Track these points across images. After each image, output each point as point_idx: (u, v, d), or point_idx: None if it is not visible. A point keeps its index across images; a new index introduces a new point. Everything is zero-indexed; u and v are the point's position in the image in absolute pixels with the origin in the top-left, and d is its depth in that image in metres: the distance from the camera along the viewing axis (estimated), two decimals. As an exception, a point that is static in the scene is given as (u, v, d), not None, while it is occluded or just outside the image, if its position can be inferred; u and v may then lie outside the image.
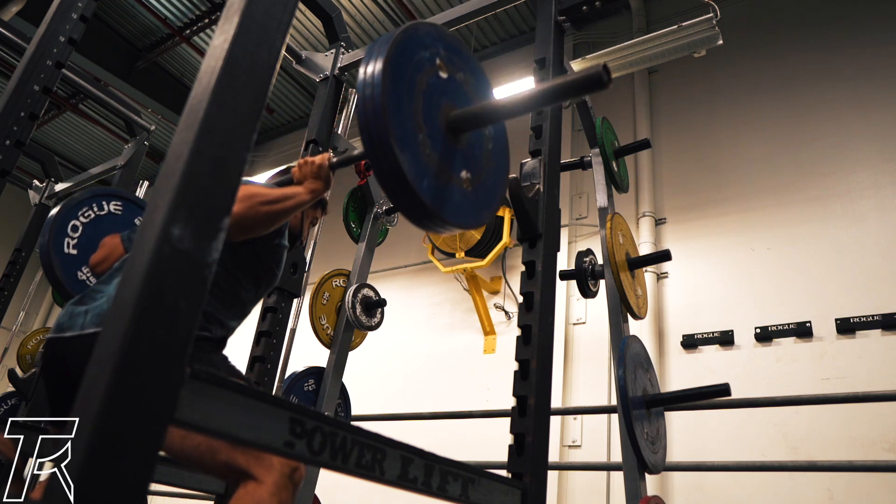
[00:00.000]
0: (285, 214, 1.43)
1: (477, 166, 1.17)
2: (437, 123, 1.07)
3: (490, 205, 1.20)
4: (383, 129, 0.94)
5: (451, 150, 1.10)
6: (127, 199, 2.29)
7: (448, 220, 1.05)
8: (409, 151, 0.97)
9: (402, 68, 1.02)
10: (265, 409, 0.67)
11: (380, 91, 0.95)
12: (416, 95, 1.03)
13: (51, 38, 1.98)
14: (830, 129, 4.05)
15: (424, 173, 1.00)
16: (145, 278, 0.54)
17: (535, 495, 1.18)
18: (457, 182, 1.09)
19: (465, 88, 1.17)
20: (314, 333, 2.60)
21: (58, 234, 2.07)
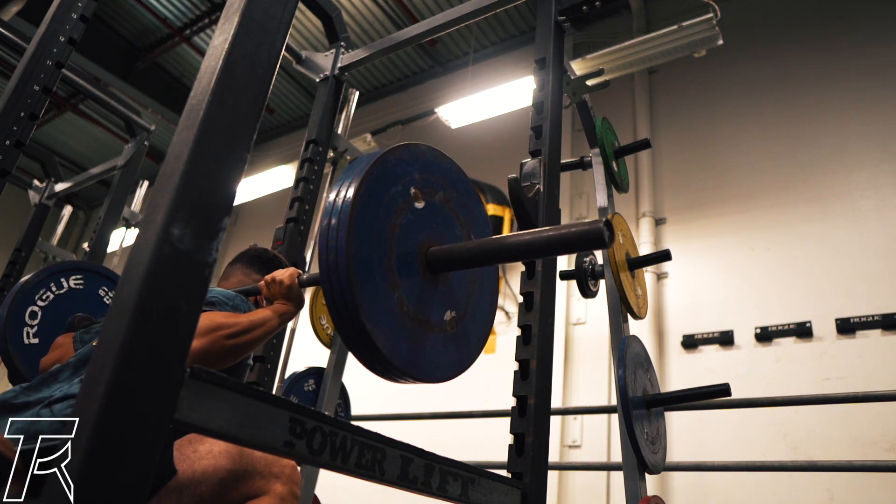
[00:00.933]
0: (253, 346, 1.29)
1: (461, 301, 1.06)
2: (416, 266, 0.96)
3: (478, 340, 1.09)
4: (352, 306, 0.83)
5: (432, 291, 0.98)
6: (87, 270, 2.10)
7: (429, 380, 0.96)
8: (385, 325, 0.87)
9: (372, 220, 0.89)
10: (265, 409, 0.67)
11: (345, 263, 0.82)
12: (390, 247, 0.92)
13: (51, 38, 1.98)
14: (830, 129, 4.05)
15: (403, 339, 0.90)
16: (145, 278, 0.54)
17: (535, 495, 1.18)
18: (439, 329, 0.99)
19: (445, 210, 1.06)
20: (314, 333, 2.60)
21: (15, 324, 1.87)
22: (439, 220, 1.04)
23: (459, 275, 1.08)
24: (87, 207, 9.39)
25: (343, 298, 0.83)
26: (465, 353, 1.05)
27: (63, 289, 2.00)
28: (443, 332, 0.99)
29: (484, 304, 1.13)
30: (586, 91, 2.24)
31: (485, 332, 1.12)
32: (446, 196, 1.07)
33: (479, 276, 1.14)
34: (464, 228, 1.10)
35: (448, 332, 1.01)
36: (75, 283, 2.03)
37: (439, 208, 1.05)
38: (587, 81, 2.20)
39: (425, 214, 1.01)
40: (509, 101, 4.51)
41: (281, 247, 2.16)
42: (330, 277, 0.83)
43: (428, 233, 1.00)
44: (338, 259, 0.83)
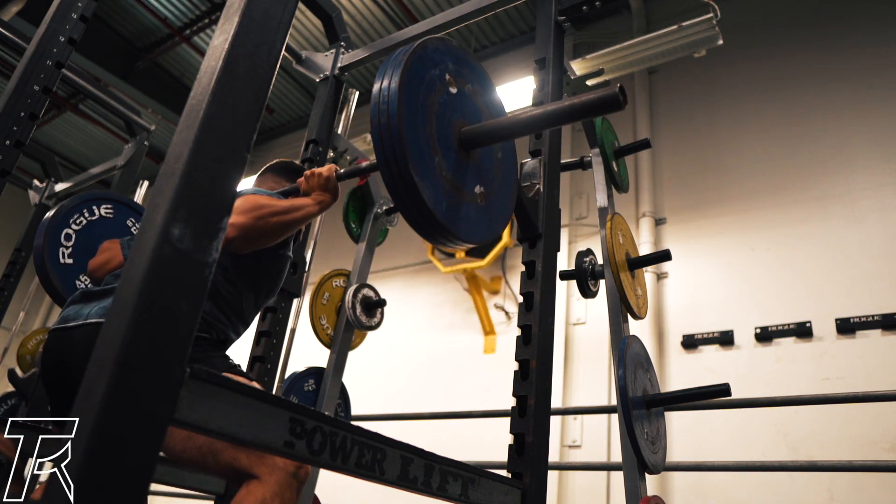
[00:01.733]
0: (294, 226, 1.43)
1: (489, 179, 1.19)
2: (451, 142, 1.09)
3: (503, 215, 1.22)
4: (402, 159, 0.95)
5: (464, 166, 1.11)
6: (117, 200, 2.26)
7: (467, 239, 1.07)
8: (428, 179, 0.99)
9: (416, 92, 1.02)
10: (265, 409, 0.67)
11: (396, 120, 0.96)
12: (430, 118, 1.04)
13: (51, 38, 1.98)
14: (830, 129, 4.05)
15: (443, 197, 1.02)
16: (145, 278, 0.54)
17: (535, 495, 1.18)
18: (471, 199, 1.11)
19: (473, 100, 1.19)
20: (314, 333, 2.60)
21: (51, 244, 2.04)
22: (469, 107, 1.17)
23: (486, 158, 1.20)
24: (87, 207, 9.37)
25: (395, 156, 0.95)
26: (493, 225, 1.17)
27: (95, 216, 2.17)
28: (475, 202, 1.12)
29: (507, 189, 1.26)
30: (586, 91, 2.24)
31: (508, 212, 1.26)
32: (474, 89, 1.20)
33: (502, 162, 1.26)
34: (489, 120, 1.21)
35: (479, 203, 1.13)
36: (106, 211, 2.20)
37: (469, 97, 1.18)
38: (587, 81, 2.20)
39: (458, 99, 1.14)
40: (509, 101, 4.51)
41: (281, 247, 2.16)
42: (382, 138, 0.96)
43: (460, 115, 1.13)
44: (390, 121, 0.95)
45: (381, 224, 2.88)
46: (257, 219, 1.34)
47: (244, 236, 1.33)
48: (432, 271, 5.22)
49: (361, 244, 2.81)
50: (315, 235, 2.50)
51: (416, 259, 5.46)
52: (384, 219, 2.88)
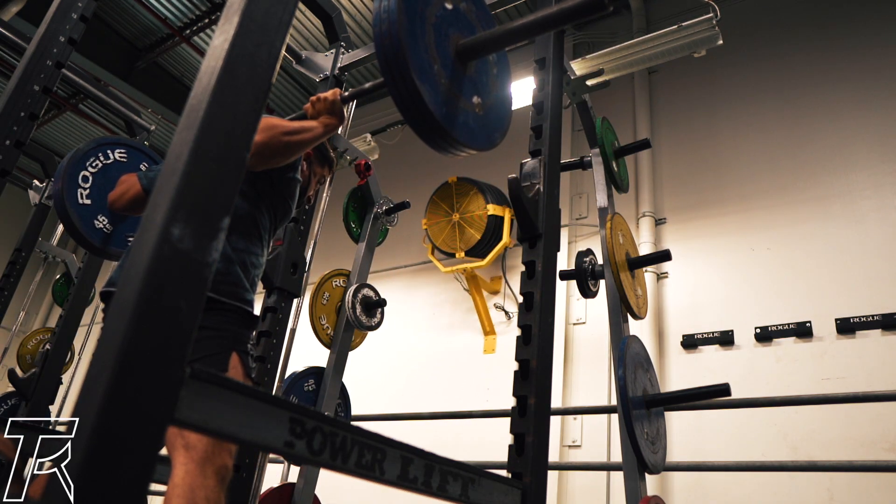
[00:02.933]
0: (304, 145, 1.54)
1: (486, 91, 1.25)
2: (448, 53, 1.15)
3: (500, 127, 1.29)
4: (403, 62, 1.01)
5: (462, 77, 1.18)
6: (130, 146, 2.37)
7: (466, 143, 1.14)
8: (427, 82, 1.05)
9: (414, 3, 1.08)
10: (265, 409, 0.67)
11: (397, 27, 1.01)
12: (428, 28, 1.11)
13: (51, 38, 1.98)
14: (830, 129, 4.05)
15: (442, 101, 1.09)
16: (145, 278, 0.54)
17: (535, 495, 1.18)
18: (469, 107, 1.18)
19: (468, 17, 1.25)
20: (314, 333, 2.60)
21: (70, 186, 2.14)
22: (464, 23, 1.23)
23: (482, 71, 1.26)
24: (87, 207, 9.39)
25: (395, 57, 1.01)
26: (490, 135, 1.24)
27: (109, 159, 2.25)
28: (473, 111, 1.19)
29: (502, 99, 1.32)
30: (586, 91, 2.24)
31: (505, 123, 1.32)
32: (468, 7, 1.27)
33: (497, 76, 1.32)
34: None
35: (477, 112, 1.20)
36: (120, 155, 2.29)
37: (464, 14, 1.24)
38: (587, 81, 2.20)
39: (454, 14, 1.20)
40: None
41: (281, 247, 2.16)
42: (384, 42, 1.01)
43: (456, 29, 1.20)
44: (390, 24, 1.01)
45: (381, 224, 2.89)
46: (271, 137, 1.44)
47: (258, 152, 1.44)
48: (432, 271, 5.22)
49: (361, 244, 2.81)
50: (315, 235, 2.50)
51: (416, 259, 5.46)
52: (384, 219, 2.88)
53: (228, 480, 1.27)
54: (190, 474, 1.19)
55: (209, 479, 1.21)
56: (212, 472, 1.22)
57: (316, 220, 2.50)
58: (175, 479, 1.18)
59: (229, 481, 1.28)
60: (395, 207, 2.85)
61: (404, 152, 5.98)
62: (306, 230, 2.27)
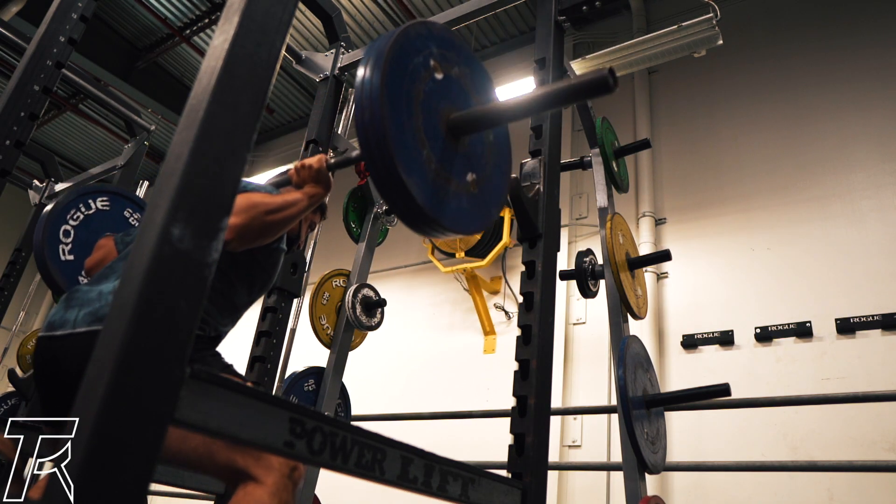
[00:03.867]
0: (288, 223, 1.41)
1: (481, 165, 1.16)
2: (439, 131, 1.05)
3: (497, 201, 1.20)
4: (389, 158, 0.92)
5: (454, 155, 1.08)
6: (112, 192, 2.27)
7: (461, 231, 1.06)
8: (416, 175, 0.96)
9: (399, 84, 0.98)
10: (265, 409, 0.67)
11: (380, 117, 0.92)
12: (416, 110, 1.00)
13: (51, 38, 1.98)
14: (830, 130, 4.05)
15: (433, 191, 1.00)
16: (145, 278, 0.54)
17: (535, 495, 1.18)
18: (463, 188, 1.09)
19: (461, 83, 1.15)
20: (314, 333, 2.60)
21: (51, 242, 2.04)
22: (456, 92, 1.13)
23: (477, 141, 1.17)
24: (87, 207, 9.38)
25: (381, 153, 0.92)
26: (486, 213, 1.15)
27: (91, 209, 2.17)
28: (466, 191, 1.10)
29: (500, 170, 1.23)
30: (586, 91, 2.24)
31: (502, 197, 1.23)
32: (461, 72, 1.16)
33: (494, 144, 1.23)
34: (478, 104, 1.19)
35: (471, 191, 1.11)
36: (102, 204, 2.20)
37: (456, 81, 1.13)
38: (587, 81, 2.20)
39: (444, 85, 1.10)
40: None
41: (281, 247, 2.16)
42: (367, 135, 0.92)
43: (447, 102, 1.09)
44: (373, 118, 0.92)
45: (381, 224, 2.89)
46: (252, 218, 1.32)
47: (239, 236, 1.33)
48: (432, 271, 5.22)
49: (361, 244, 2.81)
50: (315, 235, 2.50)
51: (416, 259, 5.46)
52: (384, 219, 2.88)
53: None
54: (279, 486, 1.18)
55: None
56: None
57: (316, 220, 2.49)
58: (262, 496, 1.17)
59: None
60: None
61: (404, 152, 5.97)
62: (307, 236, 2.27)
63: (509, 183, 1.29)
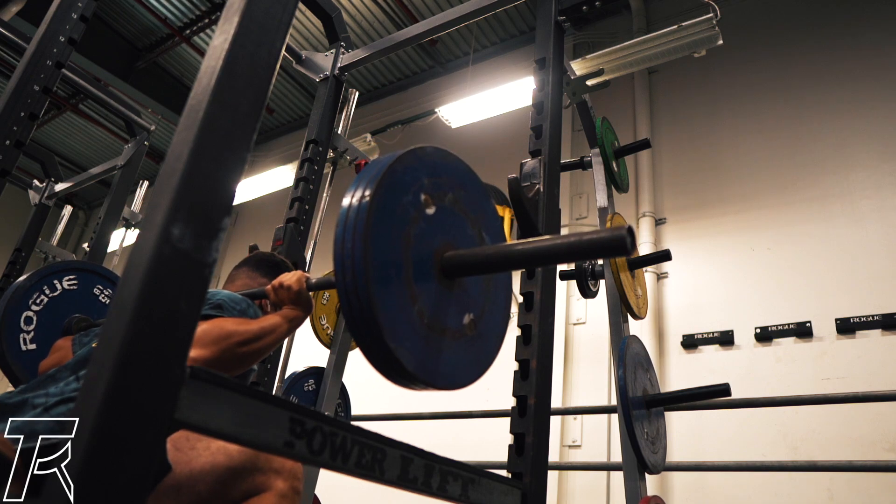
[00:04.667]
0: (264, 352, 1.27)
1: (478, 302, 1.04)
2: (432, 275, 0.93)
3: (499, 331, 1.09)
4: (376, 331, 0.81)
5: (449, 299, 0.96)
6: (79, 269, 2.05)
7: (459, 384, 0.96)
8: (407, 340, 0.85)
9: (385, 236, 0.85)
10: (265, 409, 0.67)
11: (364, 281, 0.80)
12: (406, 258, 0.88)
13: (51, 38, 1.98)
14: (830, 129, 4.05)
15: (427, 351, 0.89)
16: (145, 278, 0.54)
17: (535, 495, 1.18)
18: (458, 335, 0.97)
19: (456, 211, 1.03)
20: (314, 333, 2.60)
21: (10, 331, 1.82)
22: (451, 222, 1.01)
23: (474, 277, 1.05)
24: (87, 207, 9.39)
25: (364, 321, 0.81)
26: (486, 354, 1.04)
27: (56, 291, 1.94)
28: (463, 336, 0.98)
29: (500, 301, 1.12)
30: (586, 91, 2.24)
31: (503, 329, 1.11)
32: (455, 196, 1.04)
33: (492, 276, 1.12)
34: (475, 227, 1.08)
35: (468, 335, 0.99)
36: (69, 283, 1.97)
37: (450, 210, 1.01)
38: (587, 81, 2.20)
39: (437, 219, 0.97)
40: (509, 101, 4.51)
41: (281, 247, 2.16)
42: (349, 298, 0.81)
43: (441, 237, 0.97)
44: (356, 280, 0.80)
45: (381, 224, 2.88)
46: (223, 351, 1.18)
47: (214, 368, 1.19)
48: (432, 271, 5.21)
49: (361, 244, 2.81)
50: (315, 235, 2.50)
51: (416, 259, 5.45)
52: (384, 219, 2.87)
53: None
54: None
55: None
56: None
57: (316, 220, 2.50)
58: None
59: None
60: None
61: (404, 152, 5.97)
62: (306, 230, 2.27)
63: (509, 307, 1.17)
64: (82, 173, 4.01)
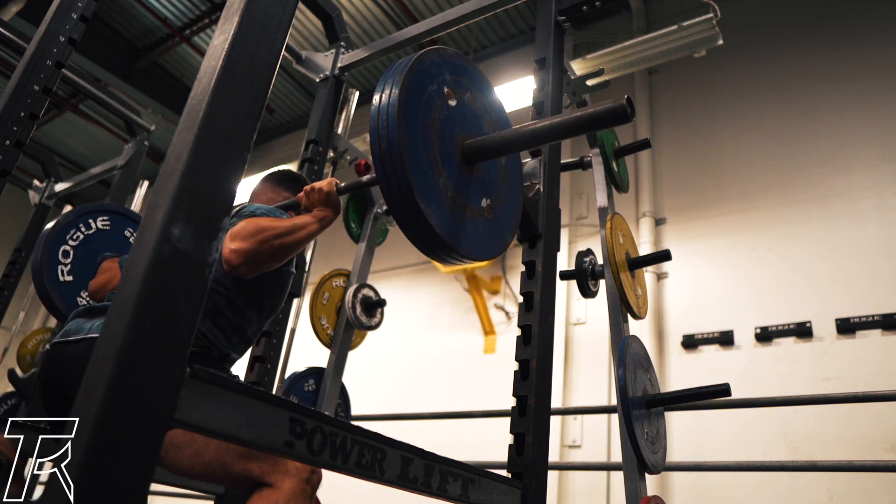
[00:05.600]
0: (298, 246, 1.39)
1: (494, 190, 1.18)
2: (454, 158, 1.07)
3: (511, 224, 1.21)
4: (407, 188, 0.93)
5: (469, 181, 1.10)
6: (112, 211, 2.20)
7: (479, 257, 1.07)
8: (434, 204, 0.98)
9: (415, 113, 0.99)
10: (265, 409, 0.67)
11: (398, 146, 0.93)
12: (432, 138, 1.02)
13: (51, 38, 1.98)
14: (830, 129, 4.05)
15: (451, 219, 1.01)
16: (145, 278, 0.54)
17: (535, 495, 1.18)
18: (479, 214, 1.10)
19: (474, 108, 1.17)
20: (314, 333, 2.60)
21: (49, 263, 1.98)
22: (469, 117, 1.14)
23: (490, 167, 1.18)
24: (87, 207, 9.37)
25: (398, 183, 0.93)
26: (501, 237, 1.17)
27: (91, 229, 2.11)
28: (482, 216, 1.11)
29: (513, 195, 1.26)
30: (586, 91, 2.24)
31: (516, 220, 1.25)
32: (473, 96, 1.17)
33: (506, 169, 1.25)
34: (490, 126, 1.21)
35: (487, 217, 1.12)
36: (102, 223, 2.14)
37: (469, 107, 1.15)
38: (587, 81, 2.20)
39: (458, 111, 1.11)
40: (509, 101, 4.51)
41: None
42: (384, 164, 0.94)
43: (461, 128, 1.11)
44: (391, 148, 0.93)
45: (381, 224, 2.88)
46: (261, 243, 1.30)
47: (249, 262, 1.30)
48: (432, 271, 5.22)
49: (361, 244, 2.81)
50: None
51: (416, 259, 5.46)
52: (384, 219, 2.88)
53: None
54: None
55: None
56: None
57: (316, 220, 2.49)
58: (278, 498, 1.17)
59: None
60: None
61: (404, 152, 5.97)
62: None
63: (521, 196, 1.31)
64: (82, 173, 4.01)
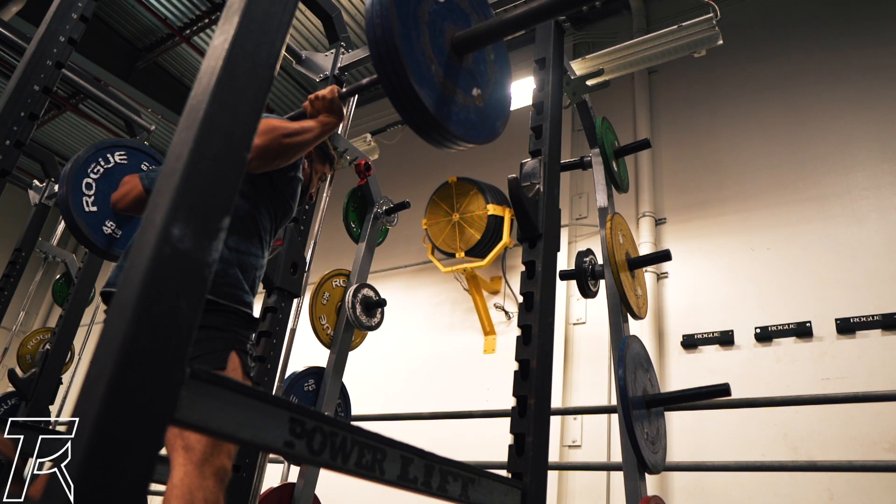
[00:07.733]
0: (305, 146, 1.54)
1: (484, 81, 1.26)
2: (444, 49, 1.15)
3: (502, 115, 1.29)
4: (401, 69, 1.01)
5: (459, 71, 1.18)
6: (129, 147, 2.39)
7: (469, 139, 1.15)
8: (425, 85, 1.05)
9: (407, 3, 1.07)
10: (265, 409, 0.67)
11: (391, 32, 1.01)
12: (423, 27, 1.10)
13: (51, 38, 1.98)
14: (830, 129, 4.05)
15: (443, 102, 1.09)
16: (145, 278, 0.54)
17: (535, 495, 1.18)
18: (469, 101, 1.19)
19: (461, 7, 1.25)
20: (314, 333, 2.60)
21: (75, 195, 2.16)
22: (458, 13, 1.23)
23: (479, 59, 1.27)
24: (87, 207, 9.38)
25: (393, 65, 1.01)
26: (492, 125, 1.25)
27: (110, 163, 2.27)
28: (473, 104, 1.19)
29: (502, 86, 1.34)
30: (586, 91, 2.24)
31: (506, 110, 1.32)
32: None
33: (495, 62, 1.33)
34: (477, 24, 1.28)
35: (478, 105, 1.21)
36: (120, 158, 2.30)
37: (457, 5, 1.23)
38: (587, 81, 2.20)
39: (447, 7, 1.20)
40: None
41: (281, 246, 2.16)
42: (379, 49, 1.02)
43: (450, 22, 1.20)
44: (385, 33, 1.01)
45: (381, 224, 2.88)
46: (271, 140, 1.45)
47: (258, 156, 1.44)
48: (432, 271, 5.22)
49: (361, 244, 2.81)
50: (315, 235, 2.50)
51: (416, 259, 5.46)
52: (384, 219, 2.88)
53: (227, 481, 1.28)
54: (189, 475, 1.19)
55: (208, 479, 1.21)
56: (210, 473, 1.23)
57: (316, 220, 2.50)
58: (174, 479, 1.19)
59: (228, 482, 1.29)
60: (395, 207, 2.85)
61: (404, 152, 5.98)
62: (306, 230, 2.27)
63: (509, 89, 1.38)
64: (82, 173, 4.00)
